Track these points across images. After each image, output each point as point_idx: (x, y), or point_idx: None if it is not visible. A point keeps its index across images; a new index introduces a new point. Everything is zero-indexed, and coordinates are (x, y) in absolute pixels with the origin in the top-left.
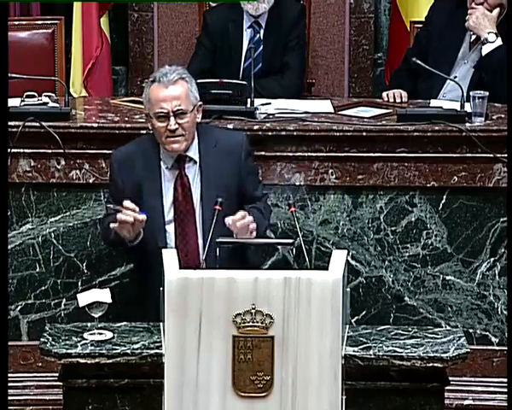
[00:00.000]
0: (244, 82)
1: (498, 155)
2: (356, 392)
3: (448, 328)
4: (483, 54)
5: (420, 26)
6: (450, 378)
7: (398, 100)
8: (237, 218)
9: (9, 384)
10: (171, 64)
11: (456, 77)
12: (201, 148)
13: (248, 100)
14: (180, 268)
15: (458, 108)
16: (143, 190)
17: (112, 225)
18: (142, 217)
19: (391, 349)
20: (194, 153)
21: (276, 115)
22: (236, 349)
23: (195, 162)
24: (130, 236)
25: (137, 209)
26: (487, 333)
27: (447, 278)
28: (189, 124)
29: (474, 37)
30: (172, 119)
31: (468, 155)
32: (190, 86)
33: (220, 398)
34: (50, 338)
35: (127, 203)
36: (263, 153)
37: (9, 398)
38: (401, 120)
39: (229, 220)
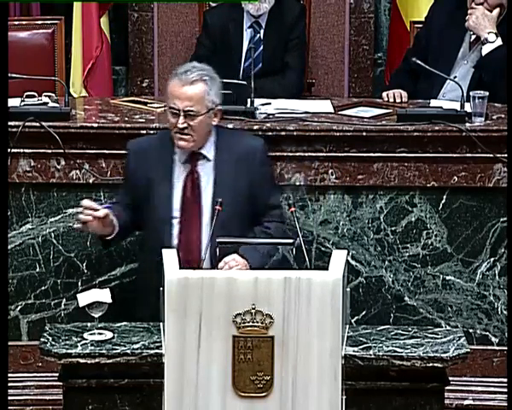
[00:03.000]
0: (244, 82)
1: (498, 155)
2: (356, 392)
3: (448, 328)
4: (483, 54)
5: (420, 26)
6: (450, 378)
7: (398, 100)
8: (229, 262)
9: (9, 384)
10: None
11: (456, 77)
12: (218, 148)
13: (248, 100)
14: (180, 264)
15: (458, 108)
16: (154, 183)
17: (75, 226)
18: (103, 213)
19: (391, 349)
20: (208, 151)
21: (276, 115)
22: (236, 349)
23: (209, 160)
24: (101, 231)
25: (96, 206)
26: (487, 333)
27: (447, 278)
28: (198, 126)
29: (473, 37)
30: (182, 117)
31: (468, 155)
32: (209, 89)
33: (220, 398)
34: (50, 338)
35: (85, 202)
36: None
37: (9, 398)
38: (401, 120)
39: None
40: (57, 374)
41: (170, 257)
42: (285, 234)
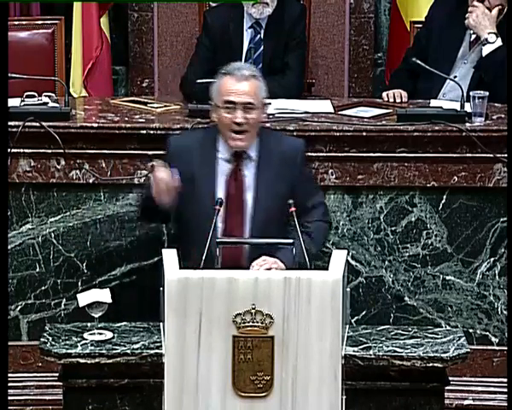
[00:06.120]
0: None
1: (498, 155)
2: (356, 392)
3: (448, 328)
4: (483, 55)
5: (420, 26)
6: (450, 378)
7: (398, 100)
8: (259, 262)
9: (9, 384)
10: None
11: (456, 77)
12: (261, 147)
13: None
14: (223, 262)
15: (458, 108)
16: (196, 180)
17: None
18: (176, 177)
19: (391, 349)
20: (252, 150)
21: (276, 115)
22: (236, 349)
23: (252, 160)
24: (167, 199)
25: (169, 173)
26: (487, 333)
27: (447, 278)
28: (254, 121)
29: (473, 36)
30: (240, 112)
31: (468, 155)
32: (261, 84)
33: (220, 398)
34: (50, 338)
35: (160, 173)
36: None
37: (9, 398)
38: (401, 120)
39: (253, 265)
40: (57, 374)
41: (170, 257)
42: (325, 232)
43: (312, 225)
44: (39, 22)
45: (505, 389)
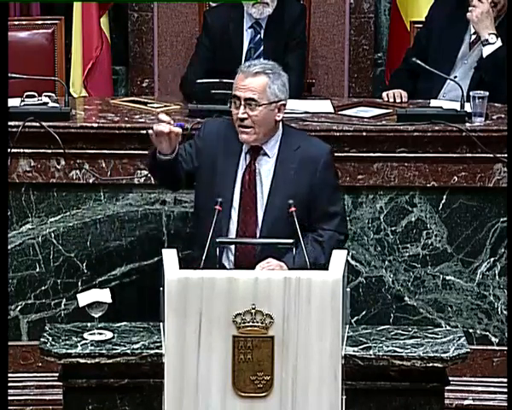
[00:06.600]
0: None
1: (498, 155)
2: (356, 392)
3: (448, 328)
4: (484, 55)
5: (420, 26)
6: (450, 378)
7: (398, 100)
8: (263, 264)
9: (9, 384)
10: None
11: (456, 77)
12: (282, 146)
13: None
14: (238, 256)
15: (458, 108)
16: (218, 168)
17: (149, 132)
18: (178, 129)
19: (391, 349)
20: (270, 148)
21: None
22: (236, 349)
23: (269, 158)
24: (166, 149)
25: (172, 122)
26: (487, 333)
27: (447, 278)
28: (259, 118)
29: (473, 37)
30: (242, 107)
31: (468, 155)
32: (271, 82)
33: (220, 398)
34: (50, 338)
35: (162, 116)
36: None
37: (9, 398)
38: (401, 120)
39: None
40: (57, 374)
41: (170, 257)
42: (338, 244)
43: (326, 234)
44: (39, 22)
45: (505, 389)
